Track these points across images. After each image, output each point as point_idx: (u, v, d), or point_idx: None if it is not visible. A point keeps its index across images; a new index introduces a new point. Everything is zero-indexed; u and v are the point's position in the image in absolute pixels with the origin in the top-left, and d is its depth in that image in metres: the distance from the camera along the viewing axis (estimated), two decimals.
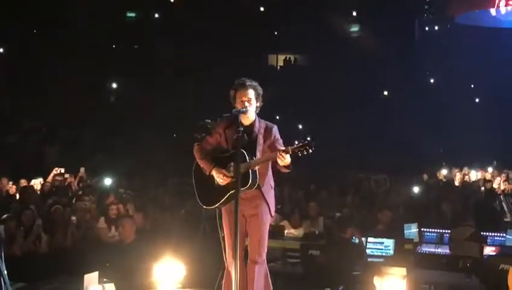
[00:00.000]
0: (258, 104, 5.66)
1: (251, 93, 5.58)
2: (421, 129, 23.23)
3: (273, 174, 5.82)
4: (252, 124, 5.63)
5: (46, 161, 19.34)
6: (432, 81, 30.33)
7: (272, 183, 5.76)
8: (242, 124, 5.43)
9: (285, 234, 10.27)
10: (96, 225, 10.20)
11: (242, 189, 5.39)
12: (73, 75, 22.01)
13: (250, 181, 5.46)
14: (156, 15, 28.10)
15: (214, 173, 5.59)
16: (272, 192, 5.76)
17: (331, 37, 28.33)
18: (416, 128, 23.19)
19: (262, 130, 5.63)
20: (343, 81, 26.49)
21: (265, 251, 5.73)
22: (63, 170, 15.25)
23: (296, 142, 5.31)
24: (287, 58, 33.33)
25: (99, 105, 23.44)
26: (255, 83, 5.67)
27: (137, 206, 11.08)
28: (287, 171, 5.49)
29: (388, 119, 24.59)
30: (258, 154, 5.58)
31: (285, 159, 5.28)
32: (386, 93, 29.37)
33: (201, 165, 5.69)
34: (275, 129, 5.66)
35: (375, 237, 9.50)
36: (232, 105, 5.64)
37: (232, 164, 5.54)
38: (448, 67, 27.96)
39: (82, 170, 15.64)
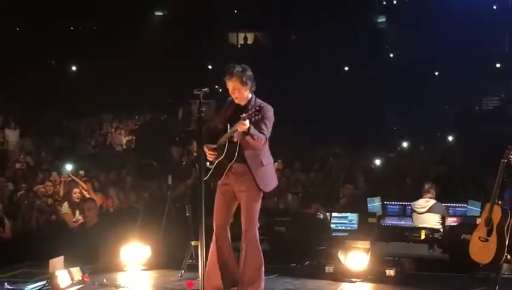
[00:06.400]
0: (249, 87, 5.80)
1: (232, 84, 5.75)
2: (383, 103, 23.31)
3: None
4: (247, 104, 5.80)
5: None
6: (391, 55, 30.49)
7: (264, 161, 5.83)
8: (237, 104, 5.80)
9: None
10: (60, 209, 10.11)
11: (219, 159, 5.68)
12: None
13: (225, 152, 5.67)
14: None
15: (205, 149, 5.78)
16: (263, 169, 5.82)
17: (290, 13, 28.26)
18: (378, 102, 23.26)
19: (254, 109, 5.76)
20: (304, 57, 26.46)
21: (256, 225, 5.84)
22: None
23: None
24: (246, 36, 33.30)
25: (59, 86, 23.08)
26: (238, 69, 5.76)
27: (97, 188, 10.99)
28: (254, 142, 5.60)
29: (350, 94, 24.61)
30: None
31: (244, 126, 5.46)
32: (346, 68, 29.42)
33: None
34: (266, 109, 5.75)
35: (339, 211, 9.62)
36: None
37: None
38: (408, 40, 28.07)
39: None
